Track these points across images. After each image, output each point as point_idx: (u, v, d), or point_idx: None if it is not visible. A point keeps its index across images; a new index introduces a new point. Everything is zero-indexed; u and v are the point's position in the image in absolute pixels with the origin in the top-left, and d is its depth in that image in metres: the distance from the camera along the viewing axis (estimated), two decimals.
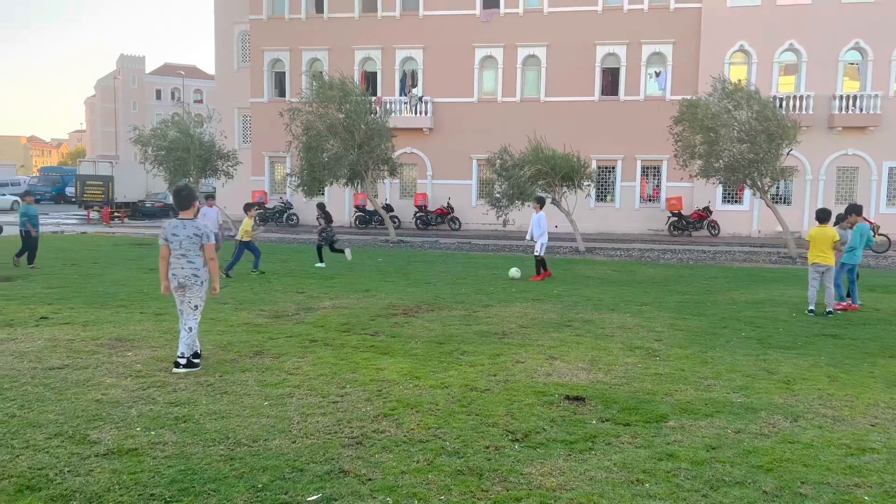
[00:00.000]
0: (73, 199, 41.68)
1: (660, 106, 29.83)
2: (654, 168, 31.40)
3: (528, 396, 6.10)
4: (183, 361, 6.74)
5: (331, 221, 17.13)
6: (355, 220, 32.53)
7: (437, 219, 31.79)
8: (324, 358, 7.39)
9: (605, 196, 31.93)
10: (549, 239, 15.55)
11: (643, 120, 30.35)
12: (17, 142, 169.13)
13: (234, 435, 5.02)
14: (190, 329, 6.81)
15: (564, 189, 22.38)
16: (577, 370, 7.07)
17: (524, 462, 4.64)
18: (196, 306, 6.88)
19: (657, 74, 31.25)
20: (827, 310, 10.69)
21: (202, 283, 6.87)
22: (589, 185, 23.72)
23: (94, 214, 34.43)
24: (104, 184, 35.61)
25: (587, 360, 7.52)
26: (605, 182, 31.81)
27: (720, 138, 21.37)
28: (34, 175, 71.72)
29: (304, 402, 5.83)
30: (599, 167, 30.84)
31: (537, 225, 14.68)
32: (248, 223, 15.11)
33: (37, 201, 51.22)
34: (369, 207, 31.69)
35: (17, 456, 4.55)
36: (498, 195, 22.31)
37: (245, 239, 14.91)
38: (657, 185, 31.53)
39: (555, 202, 22.52)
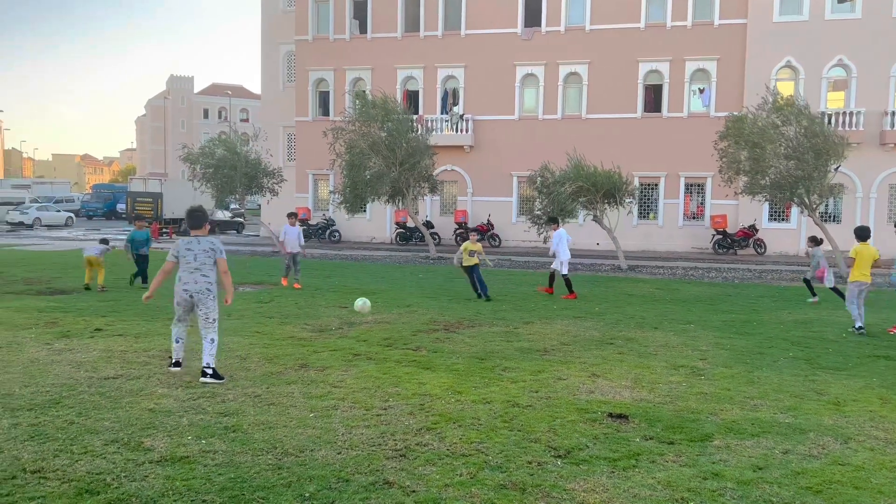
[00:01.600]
0: (124, 216, 42.96)
1: (704, 122, 29.49)
2: (699, 185, 30.99)
3: (570, 413, 6.09)
4: (210, 371, 6.97)
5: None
6: (396, 236, 32.80)
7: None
8: (367, 372, 7.50)
9: (648, 213, 31.61)
10: (591, 256, 15.66)
11: (687, 137, 30.05)
12: (71, 160, 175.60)
13: (282, 445, 5.13)
14: (212, 340, 7.07)
15: (606, 206, 22.26)
16: (621, 388, 7.03)
17: (567, 478, 4.64)
18: (214, 319, 7.13)
19: (701, 91, 30.92)
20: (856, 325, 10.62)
21: (214, 296, 7.14)
22: (631, 203, 23.54)
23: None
24: (153, 200, 36.67)
25: (630, 378, 7.47)
26: (648, 199, 31.50)
27: (766, 154, 21.02)
28: (87, 192, 74.19)
29: (349, 415, 5.93)
30: (642, 184, 30.55)
31: (562, 240, 14.87)
32: (469, 247, 14.39)
33: (89, 217, 53.09)
34: (410, 224, 31.93)
35: (77, 461, 4.74)
36: (538, 212, 22.30)
37: (467, 264, 14.21)
38: (701, 203, 31.10)
39: (596, 219, 22.41)
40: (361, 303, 10.50)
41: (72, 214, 45.41)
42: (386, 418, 5.86)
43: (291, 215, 16.30)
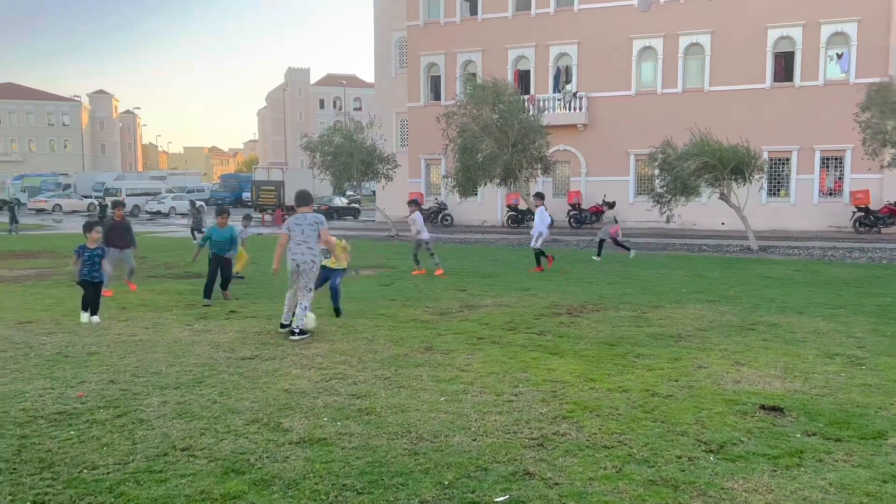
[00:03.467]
0: (250, 204, 45.14)
1: (842, 91, 27.17)
2: (836, 159, 28.63)
3: (716, 404, 5.65)
4: (297, 331, 8.07)
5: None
6: (507, 219, 32.54)
7: (591, 217, 31.04)
8: (493, 356, 7.34)
9: (779, 190, 29.59)
10: (715, 237, 15.03)
11: (822, 107, 27.80)
12: (200, 152, 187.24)
13: (416, 429, 5.06)
14: (304, 308, 8.14)
15: (733, 183, 20.97)
16: (770, 378, 6.48)
17: (723, 475, 4.27)
18: (309, 288, 8.25)
19: (839, 56, 28.46)
20: None
21: (317, 269, 8.34)
22: (761, 179, 22.04)
23: (267, 217, 37.09)
24: (276, 189, 38.24)
25: (780, 366, 6.87)
26: (779, 175, 29.46)
27: None
28: (215, 182, 78.72)
29: (480, 400, 5.78)
30: (772, 159, 28.59)
31: (541, 218, 15.16)
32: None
33: (218, 205, 56.20)
34: (522, 206, 31.54)
35: (221, 440, 4.86)
36: (661, 190, 21.35)
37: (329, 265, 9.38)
38: (839, 178, 28.73)
39: (723, 197, 21.18)
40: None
41: (203, 203, 48.22)
42: (518, 405, 5.66)
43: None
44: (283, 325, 8.50)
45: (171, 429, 5.07)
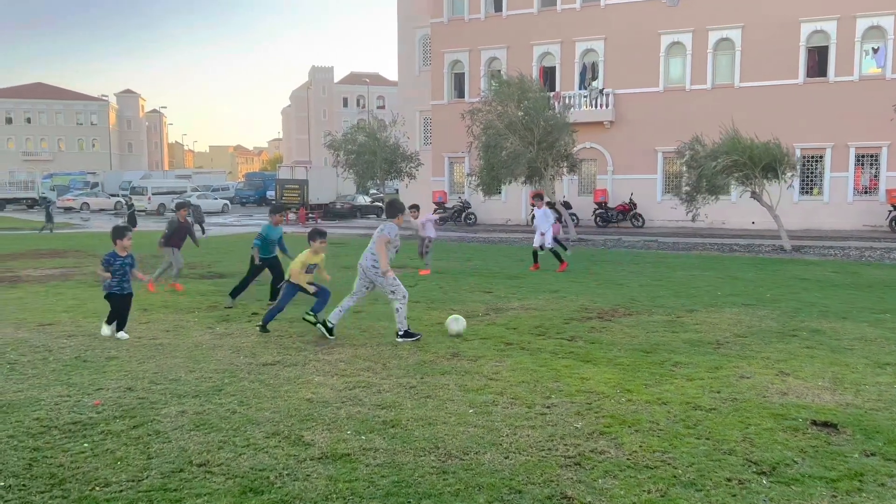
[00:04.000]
0: (273, 202, 45.26)
1: (879, 86, 26.42)
2: (872, 156, 27.82)
3: (764, 419, 5.30)
4: (400, 333, 8.00)
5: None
6: (532, 218, 32.10)
7: (618, 216, 30.54)
8: (522, 363, 7.04)
9: (811, 189, 28.84)
10: (746, 236, 14.54)
11: (857, 102, 27.02)
12: (225, 151, 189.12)
13: (444, 445, 4.78)
14: (397, 310, 8.01)
15: (765, 181, 20.40)
16: (818, 389, 6.10)
17: (779, 501, 3.93)
18: (392, 292, 8.02)
19: (875, 51, 27.65)
20: None
21: (377, 273, 7.95)
22: (793, 177, 21.44)
23: (291, 216, 37.04)
24: (300, 187, 38.20)
25: (827, 377, 6.49)
26: (811, 173, 28.72)
27: None
28: (240, 180, 79.15)
29: (510, 413, 5.49)
30: (804, 156, 27.88)
31: (544, 218, 15.02)
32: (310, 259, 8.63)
33: (242, 204, 56.41)
34: None
35: (240, 454, 4.62)
36: (687, 188, 20.86)
37: (298, 281, 8.58)
38: (875, 175, 27.91)
39: (755, 196, 20.63)
40: (455, 322, 8.40)
41: (227, 201, 48.43)
42: (551, 418, 5.36)
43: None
44: (329, 330, 8.11)
45: (188, 442, 4.84)
